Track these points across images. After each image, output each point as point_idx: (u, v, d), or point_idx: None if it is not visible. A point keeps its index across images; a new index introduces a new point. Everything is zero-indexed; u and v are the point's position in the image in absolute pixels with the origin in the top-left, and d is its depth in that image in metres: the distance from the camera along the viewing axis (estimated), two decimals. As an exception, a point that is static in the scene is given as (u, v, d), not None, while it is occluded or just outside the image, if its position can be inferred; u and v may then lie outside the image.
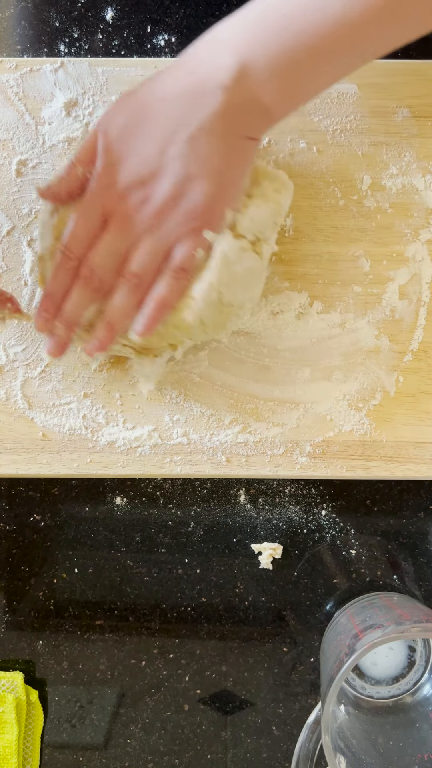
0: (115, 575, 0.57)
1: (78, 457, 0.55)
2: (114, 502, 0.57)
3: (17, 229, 0.55)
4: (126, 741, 0.56)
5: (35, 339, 0.55)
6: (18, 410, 0.55)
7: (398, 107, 0.55)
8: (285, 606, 0.57)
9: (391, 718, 0.54)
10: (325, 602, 0.57)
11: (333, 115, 0.55)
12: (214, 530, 0.57)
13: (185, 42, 0.58)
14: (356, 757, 0.48)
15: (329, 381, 0.55)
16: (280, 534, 0.57)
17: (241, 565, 0.57)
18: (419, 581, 0.57)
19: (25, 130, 0.55)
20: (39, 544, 0.57)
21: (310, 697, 0.56)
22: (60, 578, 0.57)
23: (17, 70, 0.55)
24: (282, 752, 0.56)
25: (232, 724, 0.56)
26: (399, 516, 0.57)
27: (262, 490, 0.57)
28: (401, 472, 0.54)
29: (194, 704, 0.57)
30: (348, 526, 0.57)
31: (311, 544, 0.57)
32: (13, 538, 0.57)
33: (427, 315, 0.55)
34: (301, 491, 0.57)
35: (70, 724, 0.57)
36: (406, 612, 0.49)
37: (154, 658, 0.57)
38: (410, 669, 0.55)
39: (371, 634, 0.46)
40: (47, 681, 0.57)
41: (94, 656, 0.57)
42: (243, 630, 0.57)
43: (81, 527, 0.57)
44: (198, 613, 0.57)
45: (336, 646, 0.50)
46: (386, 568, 0.57)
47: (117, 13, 0.59)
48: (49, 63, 0.55)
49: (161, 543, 0.57)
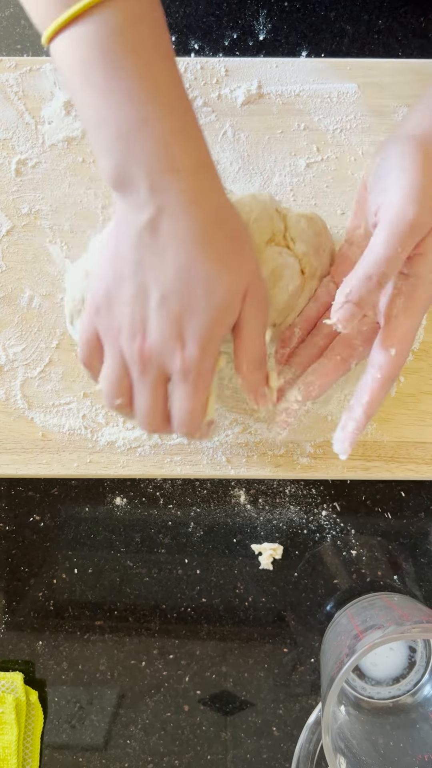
0: (114, 576, 0.57)
1: (78, 458, 0.55)
2: (114, 502, 0.57)
3: (17, 228, 0.55)
4: (126, 742, 0.56)
5: (35, 339, 0.55)
6: (18, 410, 0.55)
7: (398, 107, 0.55)
8: (285, 606, 0.57)
9: (391, 718, 0.54)
10: (326, 603, 0.57)
11: (333, 115, 0.55)
12: (214, 530, 0.57)
13: (185, 42, 0.59)
14: (357, 757, 0.48)
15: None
16: (281, 534, 0.57)
17: (241, 566, 0.57)
18: (420, 582, 0.57)
19: (25, 130, 0.55)
20: (38, 545, 0.57)
21: (311, 698, 0.56)
22: (60, 579, 0.57)
23: (17, 69, 0.55)
24: (282, 753, 0.56)
25: (232, 725, 0.56)
26: (399, 516, 0.57)
27: (263, 491, 0.57)
28: (402, 472, 0.54)
29: (194, 705, 0.56)
30: (348, 526, 0.57)
31: (311, 545, 0.57)
32: (12, 538, 0.57)
33: (427, 315, 0.55)
34: (302, 491, 0.57)
35: (69, 724, 0.57)
36: (406, 612, 0.49)
37: (154, 659, 0.57)
38: (411, 670, 0.55)
39: (372, 634, 0.46)
40: (47, 681, 0.57)
41: (94, 657, 0.57)
42: (243, 630, 0.57)
43: (81, 527, 0.57)
44: (198, 613, 0.57)
45: (336, 647, 0.49)
46: (387, 569, 0.57)
47: (117, 13, 0.59)
48: (49, 62, 0.55)
49: (161, 543, 0.57)
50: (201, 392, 0.43)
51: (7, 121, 0.55)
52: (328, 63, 0.55)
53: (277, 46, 0.59)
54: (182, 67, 0.56)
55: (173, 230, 0.40)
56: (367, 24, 0.59)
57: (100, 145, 0.40)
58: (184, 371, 0.42)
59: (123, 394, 0.44)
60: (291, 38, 0.59)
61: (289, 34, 0.59)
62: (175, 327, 0.41)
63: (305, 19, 0.59)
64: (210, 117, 0.56)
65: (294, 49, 0.59)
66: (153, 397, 0.44)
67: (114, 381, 0.44)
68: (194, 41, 0.58)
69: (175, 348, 0.41)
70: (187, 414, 0.43)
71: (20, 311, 0.55)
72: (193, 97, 0.56)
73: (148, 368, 0.43)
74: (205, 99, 0.56)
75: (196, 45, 0.58)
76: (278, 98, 0.55)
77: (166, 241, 0.40)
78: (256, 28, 0.59)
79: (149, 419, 0.44)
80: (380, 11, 0.59)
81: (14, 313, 0.55)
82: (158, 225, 0.40)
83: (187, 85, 0.56)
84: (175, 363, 0.42)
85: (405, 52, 0.58)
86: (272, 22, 0.59)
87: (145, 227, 0.40)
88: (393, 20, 0.59)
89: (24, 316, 0.55)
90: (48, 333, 0.55)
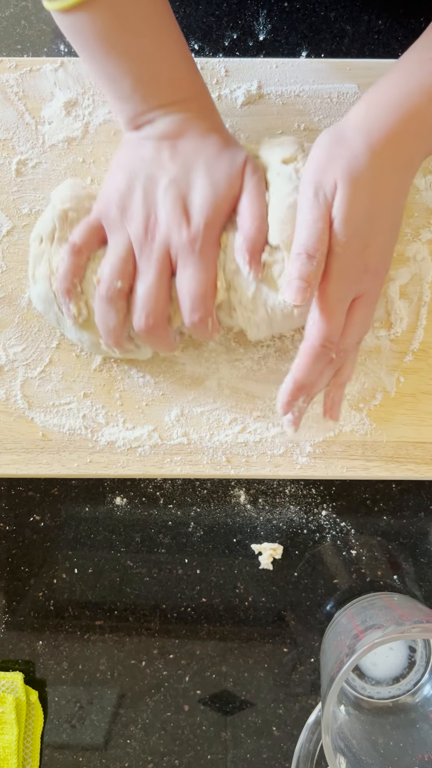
0: (115, 575, 0.57)
1: (78, 457, 0.55)
2: (114, 502, 0.57)
3: (17, 228, 0.55)
4: (126, 741, 0.56)
5: (35, 339, 0.55)
6: (18, 410, 0.55)
7: (398, 107, 0.55)
8: (285, 606, 0.57)
9: (391, 718, 0.54)
10: (326, 602, 0.57)
11: (333, 115, 0.55)
12: (214, 530, 0.57)
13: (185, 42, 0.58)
14: (356, 757, 0.48)
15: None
16: (281, 534, 0.57)
17: (241, 566, 0.57)
18: (420, 581, 0.57)
19: (25, 130, 0.55)
20: (39, 545, 0.57)
21: (311, 698, 0.56)
22: (60, 578, 0.57)
23: (17, 69, 0.55)
24: (282, 753, 0.56)
25: (232, 725, 0.56)
26: (399, 516, 0.57)
27: (262, 491, 0.57)
28: (401, 472, 0.54)
29: (194, 705, 0.56)
30: (348, 526, 0.57)
31: (311, 545, 0.57)
32: (12, 538, 0.57)
33: (427, 315, 0.55)
34: (302, 491, 0.57)
35: (69, 724, 0.57)
36: (406, 612, 0.49)
37: (154, 659, 0.57)
38: (410, 669, 0.55)
39: (371, 634, 0.46)
40: (47, 681, 0.57)
41: (94, 657, 0.57)
42: (243, 630, 0.57)
43: (81, 527, 0.57)
44: (198, 613, 0.57)
45: (336, 647, 0.49)
46: (386, 569, 0.57)
47: (117, 13, 0.59)
48: (49, 62, 0.55)
49: (161, 543, 0.57)
50: (209, 264, 0.45)
51: (7, 121, 0.55)
52: (328, 63, 0.55)
53: (277, 47, 0.59)
54: (182, 67, 0.56)
55: (194, 143, 0.46)
56: (367, 24, 0.59)
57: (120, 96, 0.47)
58: (190, 241, 0.45)
59: (125, 277, 0.46)
60: (291, 38, 0.59)
61: (289, 34, 0.59)
62: (180, 204, 0.45)
63: (305, 19, 0.59)
64: (210, 117, 0.56)
65: (294, 50, 0.59)
66: (158, 277, 0.46)
67: (117, 263, 0.46)
68: (194, 41, 0.58)
69: (182, 222, 0.45)
70: (198, 288, 0.45)
71: (20, 311, 0.55)
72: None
73: (156, 245, 0.45)
74: (205, 99, 0.56)
75: (196, 45, 0.58)
76: (278, 99, 0.55)
77: (192, 149, 0.46)
78: (256, 29, 0.59)
79: (152, 302, 0.46)
80: (380, 11, 0.59)
81: (14, 313, 0.55)
82: (179, 142, 0.46)
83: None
84: (182, 235, 0.45)
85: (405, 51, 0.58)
86: (272, 22, 0.59)
87: (158, 138, 0.47)
88: (393, 20, 0.59)
89: (24, 316, 0.55)
90: (48, 333, 0.55)
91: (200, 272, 0.45)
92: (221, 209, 0.46)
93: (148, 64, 0.46)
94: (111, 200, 0.47)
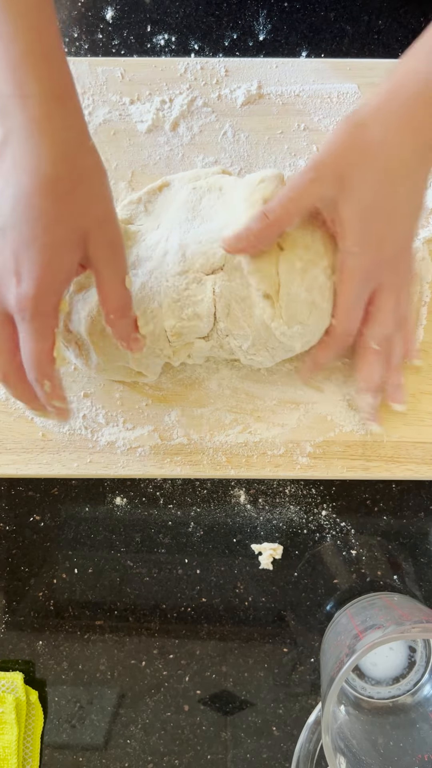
0: (115, 575, 0.57)
1: (78, 458, 0.55)
2: (114, 502, 0.57)
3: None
4: (126, 741, 0.56)
5: (35, 339, 0.55)
6: (18, 410, 0.55)
7: (398, 107, 0.55)
8: (285, 606, 0.57)
9: (391, 718, 0.54)
10: (326, 602, 0.57)
11: (333, 115, 0.55)
12: (214, 530, 0.57)
13: (185, 42, 0.59)
14: (356, 757, 0.48)
15: (329, 381, 0.55)
16: (281, 534, 0.57)
17: (241, 566, 0.57)
18: (420, 581, 0.57)
19: (25, 130, 0.55)
20: (39, 545, 0.57)
21: (311, 698, 0.56)
22: (60, 578, 0.57)
23: (17, 69, 0.55)
24: (282, 753, 0.56)
25: (232, 725, 0.56)
26: (399, 516, 0.57)
27: (262, 491, 0.57)
28: (401, 472, 0.54)
29: (194, 705, 0.56)
30: (348, 526, 0.57)
31: (311, 545, 0.57)
32: (12, 538, 0.57)
33: (427, 314, 0.55)
34: (302, 491, 0.57)
35: (69, 724, 0.57)
36: (406, 612, 0.49)
37: (154, 659, 0.57)
38: (410, 669, 0.55)
39: (371, 634, 0.46)
40: (47, 681, 0.57)
41: (94, 656, 0.57)
42: (243, 630, 0.57)
43: (81, 527, 0.57)
44: (198, 613, 0.57)
45: (336, 647, 0.49)
46: (386, 569, 0.57)
47: (117, 13, 0.59)
48: (49, 63, 0.55)
49: (161, 543, 0.57)
50: (42, 333, 0.41)
51: (7, 121, 0.55)
52: (328, 63, 0.56)
53: (277, 47, 0.59)
54: (182, 67, 0.56)
55: (15, 159, 0.39)
56: (367, 24, 0.59)
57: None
58: (20, 309, 0.40)
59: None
60: (291, 38, 0.59)
61: (289, 34, 0.59)
62: (11, 261, 0.39)
63: (305, 19, 0.59)
64: (210, 117, 0.56)
65: (294, 50, 0.59)
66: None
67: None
68: (194, 41, 0.58)
69: (11, 283, 0.40)
70: (31, 355, 0.41)
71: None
72: (193, 97, 0.56)
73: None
74: (205, 99, 0.56)
75: (196, 45, 0.58)
76: (278, 98, 0.55)
77: (8, 169, 0.39)
78: (256, 29, 0.59)
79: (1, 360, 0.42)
80: (380, 11, 0.59)
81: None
82: (3, 151, 0.39)
83: (187, 86, 0.56)
84: (11, 299, 0.40)
85: (405, 52, 0.58)
86: (272, 22, 0.59)
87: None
88: (393, 20, 0.59)
89: (24, 316, 0.55)
90: (48, 333, 0.55)
91: (31, 340, 0.41)
92: (55, 275, 0.40)
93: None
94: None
